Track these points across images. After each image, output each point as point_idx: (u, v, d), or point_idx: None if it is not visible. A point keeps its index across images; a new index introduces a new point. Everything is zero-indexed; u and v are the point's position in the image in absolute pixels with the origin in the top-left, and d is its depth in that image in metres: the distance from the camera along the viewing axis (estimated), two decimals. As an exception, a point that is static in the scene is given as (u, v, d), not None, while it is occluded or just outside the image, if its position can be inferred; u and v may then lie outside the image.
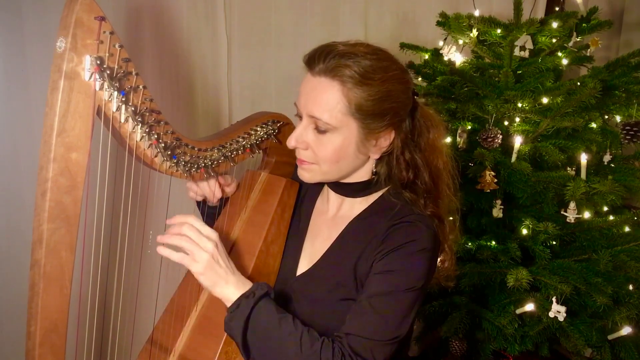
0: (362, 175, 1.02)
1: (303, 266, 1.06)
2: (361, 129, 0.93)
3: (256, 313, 0.88)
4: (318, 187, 1.13)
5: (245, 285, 0.91)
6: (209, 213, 1.17)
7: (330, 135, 0.93)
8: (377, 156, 0.99)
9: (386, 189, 1.03)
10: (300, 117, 0.97)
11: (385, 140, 0.97)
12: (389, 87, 0.92)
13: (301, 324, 0.90)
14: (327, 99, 0.91)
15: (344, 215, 1.04)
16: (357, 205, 1.03)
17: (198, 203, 1.18)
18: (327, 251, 1.02)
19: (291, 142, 0.96)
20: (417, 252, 0.92)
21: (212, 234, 0.91)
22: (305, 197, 1.15)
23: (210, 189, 1.10)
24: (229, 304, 0.89)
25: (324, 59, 0.91)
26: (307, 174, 1.00)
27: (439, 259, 1.05)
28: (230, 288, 0.90)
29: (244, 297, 0.89)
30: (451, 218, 1.06)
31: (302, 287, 1.02)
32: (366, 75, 0.90)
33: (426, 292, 0.96)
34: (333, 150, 0.94)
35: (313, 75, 0.93)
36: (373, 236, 0.96)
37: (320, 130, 0.93)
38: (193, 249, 0.88)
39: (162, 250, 0.87)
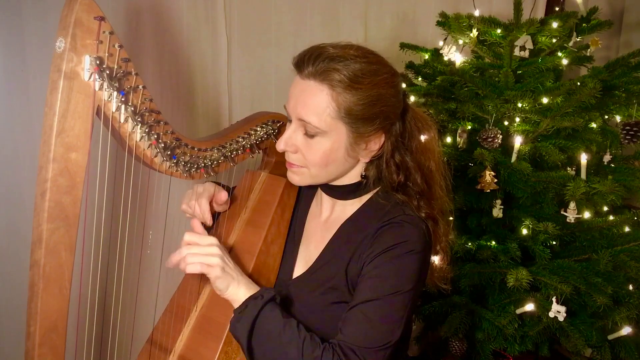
0: (352, 177, 1.01)
1: (299, 270, 1.06)
2: (350, 133, 0.92)
3: (263, 316, 0.89)
4: (312, 190, 1.12)
5: (254, 288, 0.93)
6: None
7: (320, 139, 0.93)
8: (367, 159, 0.98)
9: (376, 190, 1.02)
10: (290, 120, 0.96)
11: (375, 143, 0.96)
12: (379, 91, 0.91)
13: (304, 329, 0.90)
14: (316, 103, 0.90)
15: (336, 217, 1.04)
16: (349, 207, 1.03)
17: None
18: (321, 254, 1.02)
19: (280, 145, 0.96)
20: (405, 253, 0.91)
21: (212, 240, 0.93)
22: (300, 200, 1.14)
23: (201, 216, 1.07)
24: (236, 305, 0.91)
25: (313, 62, 0.89)
26: (296, 177, 1.00)
27: (434, 260, 1.05)
28: (241, 289, 0.92)
29: (252, 298, 0.90)
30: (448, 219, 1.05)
31: (298, 290, 1.02)
32: (355, 79, 0.89)
33: (419, 293, 0.96)
34: (322, 154, 0.94)
35: (302, 78, 0.92)
36: (363, 237, 0.96)
37: (309, 134, 0.93)
38: (203, 259, 0.90)
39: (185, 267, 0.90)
